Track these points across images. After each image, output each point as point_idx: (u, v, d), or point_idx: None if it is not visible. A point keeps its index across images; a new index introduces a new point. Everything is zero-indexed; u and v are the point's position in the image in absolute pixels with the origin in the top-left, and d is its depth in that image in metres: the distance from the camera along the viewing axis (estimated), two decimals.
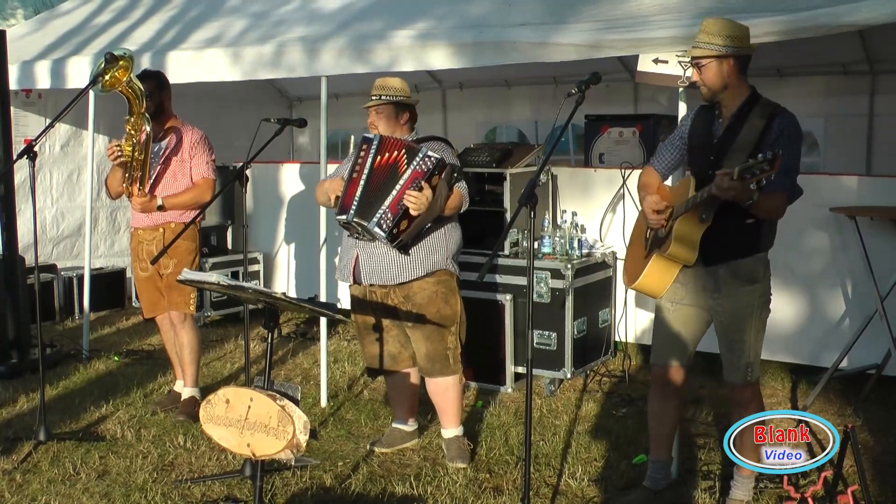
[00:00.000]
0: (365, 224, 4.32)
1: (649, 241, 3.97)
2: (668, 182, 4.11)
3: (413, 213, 4.28)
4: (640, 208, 4.06)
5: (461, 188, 4.50)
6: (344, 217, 4.43)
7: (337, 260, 4.83)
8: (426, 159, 4.31)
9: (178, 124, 5.36)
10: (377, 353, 4.71)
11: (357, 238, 4.53)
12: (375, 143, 4.46)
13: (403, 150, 4.36)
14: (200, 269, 5.73)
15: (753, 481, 3.97)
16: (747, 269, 3.77)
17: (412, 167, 4.31)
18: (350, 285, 4.67)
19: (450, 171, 4.38)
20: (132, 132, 5.05)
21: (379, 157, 4.41)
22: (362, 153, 4.47)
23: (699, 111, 3.96)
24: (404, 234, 4.34)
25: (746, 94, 3.75)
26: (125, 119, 5.09)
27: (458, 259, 4.67)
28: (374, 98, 4.61)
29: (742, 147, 3.61)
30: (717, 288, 3.80)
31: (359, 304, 4.67)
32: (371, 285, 4.56)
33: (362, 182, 4.41)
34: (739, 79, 3.73)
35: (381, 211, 4.31)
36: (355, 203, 4.39)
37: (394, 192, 4.31)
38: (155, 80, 5.27)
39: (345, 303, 7.25)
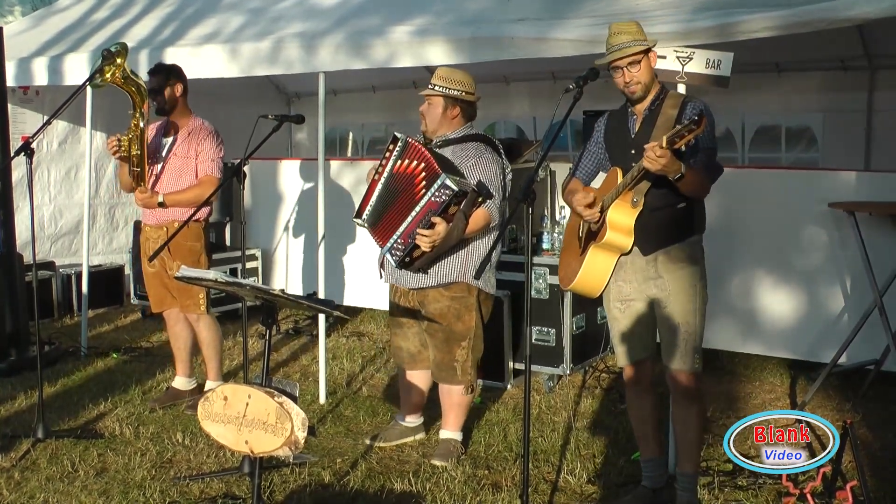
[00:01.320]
0: (379, 245, 4.31)
1: (583, 238, 3.99)
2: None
3: (425, 248, 4.24)
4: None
5: (488, 207, 4.33)
6: (358, 221, 4.47)
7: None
8: (442, 191, 4.14)
9: (190, 120, 5.32)
10: (399, 347, 4.74)
11: None
12: (400, 145, 4.36)
13: (423, 169, 4.22)
14: None
15: (698, 478, 4.00)
16: (686, 252, 3.83)
17: (428, 196, 4.18)
18: (386, 281, 4.72)
19: (472, 198, 4.21)
20: (133, 126, 5.07)
21: (400, 163, 4.34)
22: (387, 153, 4.39)
23: (610, 115, 4.04)
24: (417, 262, 4.32)
25: (657, 88, 3.84)
26: (129, 113, 5.11)
27: (488, 269, 4.50)
28: (428, 87, 4.50)
29: (661, 134, 3.63)
30: (659, 275, 3.82)
31: (390, 297, 4.72)
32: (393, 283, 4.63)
33: (379, 187, 4.40)
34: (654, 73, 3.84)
35: (392, 239, 4.30)
36: (369, 209, 4.43)
37: (408, 220, 4.25)
38: (164, 74, 5.25)
39: (350, 300, 7.27)
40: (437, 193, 4.16)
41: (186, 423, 5.05)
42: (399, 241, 4.29)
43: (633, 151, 3.79)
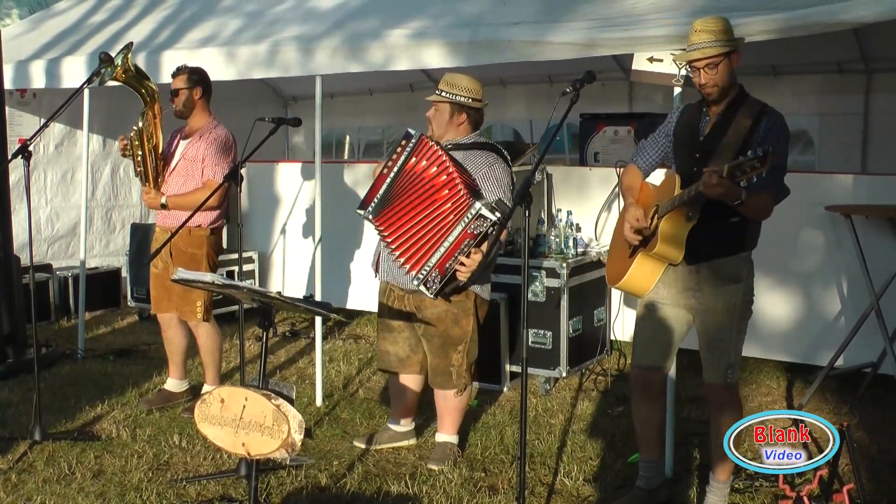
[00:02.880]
0: (407, 266, 4.27)
1: None
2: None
3: (462, 278, 4.17)
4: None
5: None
6: (362, 212, 4.40)
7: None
8: (479, 220, 4.05)
9: (206, 124, 5.29)
10: (387, 351, 4.69)
11: None
12: (413, 141, 4.30)
13: (445, 184, 4.13)
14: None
15: (729, 487, 3.94)
16: (730, 268, 3.74)
17: (463, 223, 4.08)
18: (380, 280, 4.67)
19: (503, 222, 4.09)
20: (137, 126, 5.12)
21: (413, 159, 4.27)
22: (399, 148, 4.33)
23: (686, 109, 3.93)
24: (448, 289, 4.27)
25: (736, 91, 3.71)
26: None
27: (485, 277, 4.47)
28: (435, 92, 4.46)
29: (729, 145, 3.57)
30: (699, 287, 3.76)
31: (381, 300, 4.66)
32: (388, 283, 4.58)
33: (388, 181, 4.33)
34: (735, 75, 3.71)
35: (425, 269, 4.20)
36: (375, 202, 4.36)
37: (441, 251, 4.15)
38: (183, 77, 5.25)
39: (347, 303, 7.27)
40: (472, 224, 4.07)
41: (183, 426, 5.05)
42: (435, 271, 4.19)
43: (697, 155, 3.69)
